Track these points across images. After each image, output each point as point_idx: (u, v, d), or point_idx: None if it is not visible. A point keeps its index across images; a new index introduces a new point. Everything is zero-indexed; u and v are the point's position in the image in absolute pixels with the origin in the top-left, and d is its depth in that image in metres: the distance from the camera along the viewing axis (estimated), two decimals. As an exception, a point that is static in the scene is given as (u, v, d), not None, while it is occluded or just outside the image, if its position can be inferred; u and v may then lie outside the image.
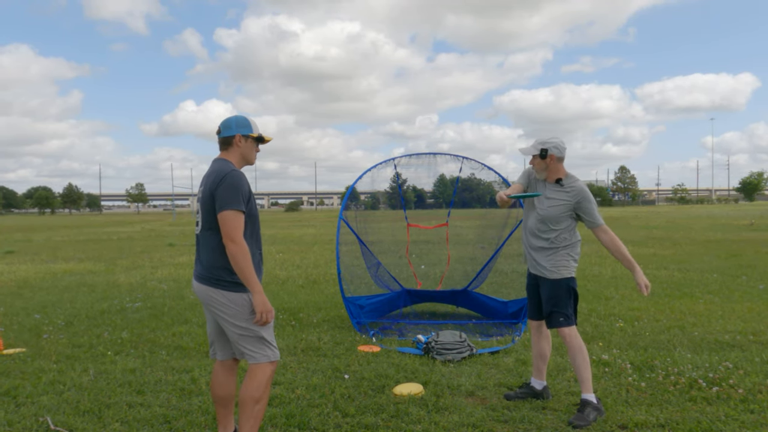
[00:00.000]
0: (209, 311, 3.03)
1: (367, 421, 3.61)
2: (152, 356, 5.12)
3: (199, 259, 3.01)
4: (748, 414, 3.63)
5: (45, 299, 8.20)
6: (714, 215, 36.18)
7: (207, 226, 2.93)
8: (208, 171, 3.02)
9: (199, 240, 3.01)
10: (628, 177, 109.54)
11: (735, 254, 12.95)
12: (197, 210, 3.01)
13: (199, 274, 2.98)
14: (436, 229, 7.62)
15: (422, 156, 6.80)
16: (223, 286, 2.89)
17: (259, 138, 3.10)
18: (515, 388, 4.11)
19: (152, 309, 7.33)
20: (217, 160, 3.04)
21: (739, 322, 6.11)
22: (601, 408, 3.64)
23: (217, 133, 3.08)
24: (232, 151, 3.04)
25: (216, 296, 2.90)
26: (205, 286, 2.92)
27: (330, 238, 20.77)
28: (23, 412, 3.80)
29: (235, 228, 2.81)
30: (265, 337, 2.95)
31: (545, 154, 3.76)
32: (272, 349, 2.99)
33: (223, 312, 2.91)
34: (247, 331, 2.91)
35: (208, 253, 2.92)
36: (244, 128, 3.03)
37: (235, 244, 2.80)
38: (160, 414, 3.75)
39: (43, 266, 12.69)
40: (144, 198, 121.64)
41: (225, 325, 2.95)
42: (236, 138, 3.01)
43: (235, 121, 3.04)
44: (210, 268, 2.91)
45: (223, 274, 2.89)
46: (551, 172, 3.80)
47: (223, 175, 2.87)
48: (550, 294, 3.76)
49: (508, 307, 6.31)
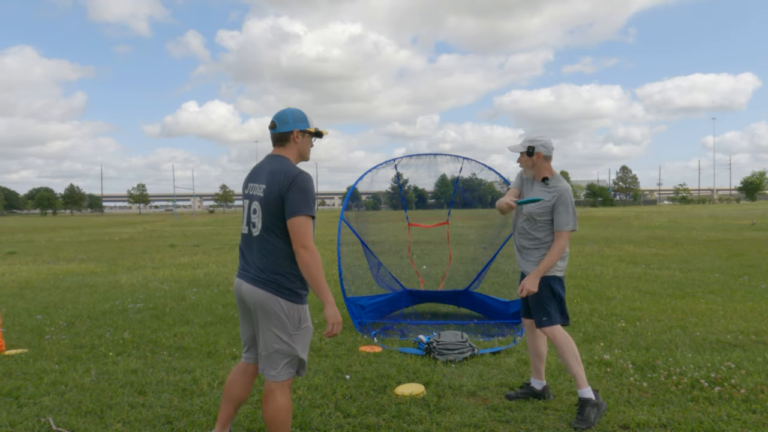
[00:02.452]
0: (251, 315, 2.88)
1: (369, 421, 3.61)
2: (154, 357, 5.13)
3: (251, 262, 2.81)
4: (751, 414, 3.62)
5: (47, 300, 8.21)
6: (716, 215, 36.14)
7: (269, 228, 2.74)
8: (265, 167, 2.83)
9: (253, 241, 2.81)
10: (629, 177, 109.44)
11: (737, 254, 12.93)
12: (251, 209, 2.82)
13: (254, 276, 2.78)
14: (437, 229, 7.62)
15: (423, 156, 6.80)
16: (284, 294, 2.74)
17: (316, 133, 2.94)
18: (516, 389, 4.12)
19: (154, 310, 7.34)
20: (276, 157, 2.85)
21: (741, 322, 6.10)
22: (600, 401, 3.61)
23: (270, 128, 2.88)
24: (289, 147, 2.86)
25: (272, 303, 2.74)
26: (264, 290, 2.74)
27: (331, 238, 20.77)
28: (25, 413, 3.81)
29: (306, 234, 2.67)
30: (299, 356, 2.83)
31: (532, 151, 3.78)
32: (300, 367, 2.86)
33: (272, 321, 2.75)
34: (287, 346, 2.78)
35: (270, 257, 2.74)
36: (301, 122, 2.86)
37: (308, 251, 2.66)
38: (161, 414, 3.75)
39: (44, 267, 12.70)
40: (145, 199, 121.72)
41: (267, 335, 2.78)
42: (294, 133, 2.84)
43: (291, 114, 2.85)
44: (270, 272, 2.74)
45: (285, 281, 2.75)
46: (538, 170, 3.82)
47: (293, 177, 2.69)
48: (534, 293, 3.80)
49: (509, 307, 6.30)
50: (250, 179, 2.91)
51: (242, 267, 2.89)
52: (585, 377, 3.67)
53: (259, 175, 2.84)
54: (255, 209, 2.80)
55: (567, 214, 3.68)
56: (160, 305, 7.63)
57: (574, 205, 3.74)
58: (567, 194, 3.71)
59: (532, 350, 4.03)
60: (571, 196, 3.74)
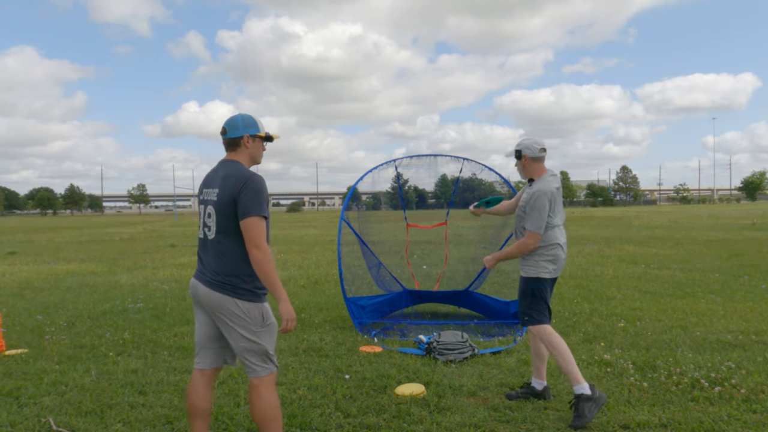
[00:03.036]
0: (209, 318, 2.90)
1: (369, 421, 3.61)
2: (154, 357, 5.13)
3: (207, 264, 2.85)
4: (751, 414, 3.62)
5: (47, 300, 8.21)
6: (716, 215, 36.13)
7: (223, 231, 2.79)
8: (220, 173, 2.88)
9: (208, 244, 2.85)
10: (629, 177, 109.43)
11: (737, 254, 12.93)
12: (206, 213, 2.87)
13: (210, 279, 2.81)
14: (436, 229, 7.62)
15: (423, 157, 6.80)
16: (240, 294, 2.77)
17: (267, 137, 2.99)
18: (516, 388, 4.12)
19: (154, 310, 7.34)
20: (228, 162, 2.91)
21: (741, 322, 6.10)
22: (597, 394, 3.57)
23: (222, 134, 2.93)
24: (241, 152, 2.91)
25: (229, 305, 2.77)
26: (219, 293, 2.77)
27: (331, 238, 20.78)
28: (25, 413, 3.81)
29: (259, 234, 2.71)
30: (268, 352, 2.86)
31: (519, 155, 3.89)
32: (273, 361, 2.90)
33: (234, 322, 2.78)
34: (254, 344, 2.81)
35: (224, 259, 2.78)
36: (251, 128, 2.91)
37: (261, 251, 2.70)
38: (162, 414, 3.75)
39: (45, 267, 12.71)
40: (145, 199, 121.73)
41: (231, 336, 2.82)
42: (244, 138, 2.89)
43: (241, 120, 2.91)
44: (224, 274, 2.78)
45: (240, 282, 2.78)
46: (528, 172, 3.90)
47: (245, 179, 2.75)
48: (519, 290, 3.90)
49: (509, 307, 6.30)
50: (205, 185, 2.96)
51: (199, 269, 2.93)
52: (578, 373, 3.65)
53: (213, 181, 2.90)
54: (210, 213, 2.85)
55: (531, 215, 3.73)
56: (160, 305, 7.63)
57: (543, 208, 3.70)
58: (539, 194, 3.71)
59: (533, 350, 4.04)
60: (542, 198, 3.71)
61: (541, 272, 3.78)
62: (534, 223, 3.71)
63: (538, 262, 3.79)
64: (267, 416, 2.84)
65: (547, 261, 3.78)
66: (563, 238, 3.86)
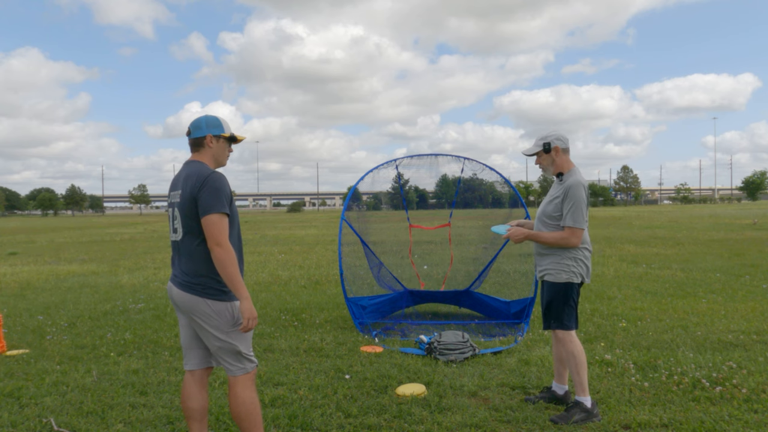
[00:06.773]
0: (187, 319, 2.92)
1: (370, 421, 3.61)
2: (155, 357, 5.13)
3: (179, 266, 2.87)
4: (752, 414, 3.62)
5: (48, 300, 8.21)
6: (717, 214, 36.10)
7: (189, 232, 2.80)
8: (182, 174, 2.89)
9: (178, 246, 2.87)
10: (630, 177, 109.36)
11: (738, 254, 12.91)
12: (173, 216, 2.87)
13: (181, 281, 2.83)
14: (438, 230, 7.62)
15: (424, 157, 6.80)
16: (210, 294, 2.78)
17: (231, 138, 2.98)
18: (536, 392, 4.05)
19: (155, 310, 7.35)
20: (191, 162, 2.91)
21: (742, 322, 6.09)
22: (595, 412, 3.56)
23: (187, 134, 2.94)
24: (204, 152, 2.92)
25: (200, 306, 2.78)
26: (190, 294, 2.79)
27: (332, 238, 20.78)
28: (27, 413, 3.81)
29: (221, 232, 2.70)
30: (241, 351, 2.86)
31: (549, 147, 3.66)
32: (249, 360, 2.90)
33: (206, 322, 2.80)
34: (226, 344, 2.82)
35: (192, 260, 2.80)
36: (215, 128, 2.91)
37: (222, 249, 2.69)
38: (163, 415, 3.75)
39: (46, 268, 12.72)
40: (146, 199, 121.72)
41: (206, 336, 2.85)
42: (207, 138, 2.90)
43: (205, 121, 2.92)
44: (194, 275, 2.79)
45: (210, 282, 2.78)
46: (557, 165, 3.68)
47: (204, 178, 2.75)
48: (546, 296, 3.71)
49: (510, 307, 6.30)
50: (171, 188, 2.96)
51: (173, 272, 2.95)
52: (587, 386, 3.62)
53: (177, 182, 2.89)
54: (176, 215, 2.86)
55: (571, 210, 3.50)
56: (161, 305, 7.64)
57: (582, 200, 3.51)
58: (575, 188, 3.51)
59: (556, 355, 3.90)
60: (580, 190, 3.51)
61: (572, 277, 3.59)
62: (575, 218, 3.48)
63: (569, 265, 3.58)
64: (241, 414, 2.87)
65: (580, 264, 3.59)
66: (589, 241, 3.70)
